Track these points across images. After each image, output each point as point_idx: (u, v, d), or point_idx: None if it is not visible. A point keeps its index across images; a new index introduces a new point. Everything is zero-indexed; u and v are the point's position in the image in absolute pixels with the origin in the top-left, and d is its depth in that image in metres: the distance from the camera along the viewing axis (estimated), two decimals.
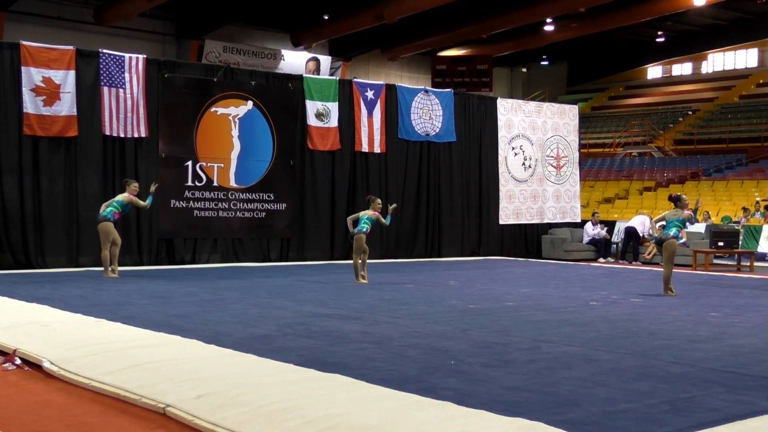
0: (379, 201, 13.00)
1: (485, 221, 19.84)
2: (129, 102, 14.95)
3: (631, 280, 14.20)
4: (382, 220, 12.74)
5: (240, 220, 16.36)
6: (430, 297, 10.76)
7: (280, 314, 8.72)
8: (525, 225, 20.52)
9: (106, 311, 8.61)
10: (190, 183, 15.80)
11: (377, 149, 18.06)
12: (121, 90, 14.88)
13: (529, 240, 20.67)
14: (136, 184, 13.35)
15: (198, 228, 15.94)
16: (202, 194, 15.92)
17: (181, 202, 15.72)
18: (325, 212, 17.41)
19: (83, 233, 14.62)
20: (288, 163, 16.93)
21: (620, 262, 19.31)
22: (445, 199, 19.16)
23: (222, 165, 16.16)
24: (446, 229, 19.16)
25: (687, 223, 11.78)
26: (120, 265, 14.90)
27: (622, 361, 6.34)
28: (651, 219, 17.06)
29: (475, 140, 19.79)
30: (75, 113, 14.43)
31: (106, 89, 14.76)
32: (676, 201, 11.75)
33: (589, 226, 20.33)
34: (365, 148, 17.90)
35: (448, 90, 19.78)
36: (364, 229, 12.59)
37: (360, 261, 12.67)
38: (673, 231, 11.46)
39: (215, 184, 16.05)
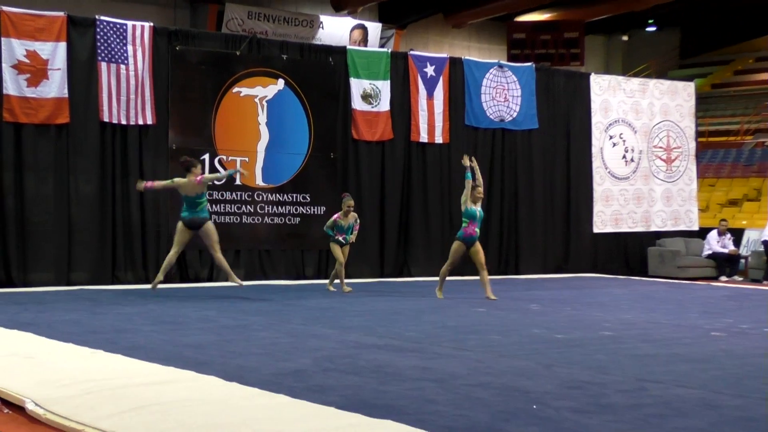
0: (350, 203, 14.36)
1: (575, 229, 19.71)
2: (132, 81, 15.15)
3: (764, 304, 13.96)
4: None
5: (268, 228, 16.49)
6: (505, 324, 10.69)
7: (317, 344, 8.73)
8: (626, 234, 20.34)
9: (103, 340, 8.70)
10: None
11: (438, 139, 18.07)
12: (122, 66, 15.08)
13: (630, 253, 20.47)
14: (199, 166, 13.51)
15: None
16: (222, 195, 16.07)
17: None
18: (374, 217, 17.44)
19: (76, 243, 14.85)
20: (327, 157, 17.02)
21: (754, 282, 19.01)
22: (524, 201, 19.09)
23: (246, 159, 16.30)
24: (525, 238, 19.09)
25: None
26: (121, 282, 15.14)
27: (752, 409, 6.22)
28: None
29: (562, 127, 19.68)
30: (66, 95, 14.66)
31: (104, 65, 14.97)
32: None
33: (713, 236, 20.01)
34: (424, 138, 17.93)
35: (528, 64, 19.73)
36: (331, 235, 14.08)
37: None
38: None
39: (238, 182, 16.20)
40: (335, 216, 14.47)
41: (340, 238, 14.37)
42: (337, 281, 14.74)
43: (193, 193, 13.12)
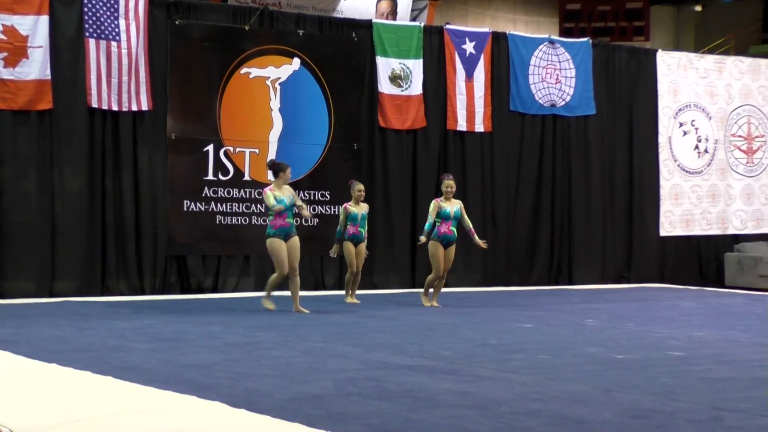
0: (359, 187, 14.61)
1: (638, 232, 19.66)
2: (125, 61, 15.23)
3: None
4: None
5: None
6: (556, 342, 10.66)
7: (339, 365, 8.74)
8: (699, 237, 20.27)
9: (93, 360, 8.73)
10: (211, 176, 16.06)
11: (479, 127, 18.08)
12: (113, 44, 15.16)
13: (704, 259, 20.39)
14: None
15: (222, 241, 16.18)
16: (229, 192, 16.15)
17: (198, 204, 15.99)
18: (404, 218, 17.47)
19: (61, 248, 14.94)
20: (350, 148, 17.07)
21: None
22: (579, 199, 19.06)
23: (257, 150, 16.37)
24: (580, 242, 19.07)
25: None
26: (113, 292, 15.23)
27: None
28: None
29: (624, 113, 19.64)
30: (49, 77, 14.74)
31: (92, 43, 15.06)
32: None
33: None
34: (462, 126, 17.94)
35: (584, 40, 19.69)
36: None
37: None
38: None
39: (247, 177, 16.27)
40: (345, 205, 14.58)
41: (354, 232, 14.42)
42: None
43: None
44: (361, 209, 14.58)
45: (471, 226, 14.43)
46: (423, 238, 14.29)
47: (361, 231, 14.54)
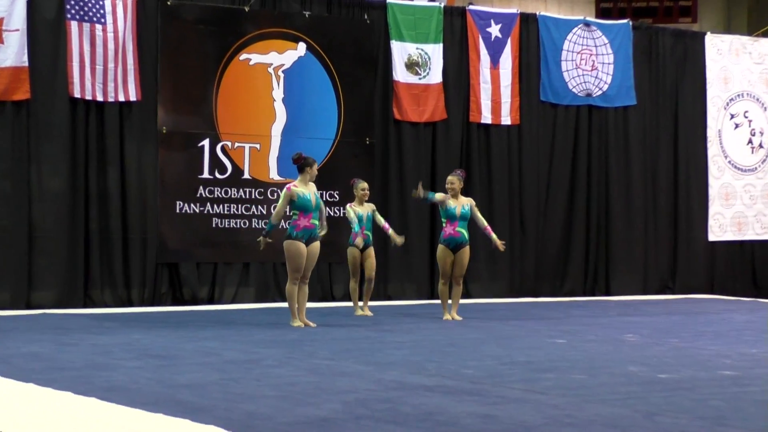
0: (362, 185, 14.62)
1: (684, 237, 19.66)
2: (111, 45, 15.28)
3: None
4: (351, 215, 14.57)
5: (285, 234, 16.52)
6: (592, 359, 10.65)
7: (349, 385, 8.74)
8: (752, 243, 20.22)
9: (73, 379, 8.74)
10: (206, 175, 16.14)
11: (505, 120, 18.11)
12: (98, 26, 15.21)
13: (758, 267, 20.34)
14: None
15: (219, 246, 16.26)
16: (226, 193, 16.21)
17: (192, 206, 16.05)
18: (421, 221, 17.48)
19: (39, 254, 15.02)
20: (362, 143, 17.13)
21: None
22: (618, 199, 19.07)
23: (257, 146, 16.44)
24: (618, 248, 19.08)
25: None
26: (97, 304, 15.28)
27: None
28: None
29: (668, 103, 19.63)
30: (26, 64, 14.80)
31: (74, 25, 15.11)
32: None
33: None
34: (486, 118, 17.97)
35: (624, 21, 19.68)
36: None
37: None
38: None
39: (246, 176, 16.35)
40: (349, 205, 14.68)
41: (361, 237, 14.45)
42: (360, 302, 14.98)
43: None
44: (366, 209, 14.62)
45: (485, 223, 14.43)
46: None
47: (368, 234, 14.57)
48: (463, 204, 14.10)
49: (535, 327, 13.78)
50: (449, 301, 14.40)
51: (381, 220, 14.82)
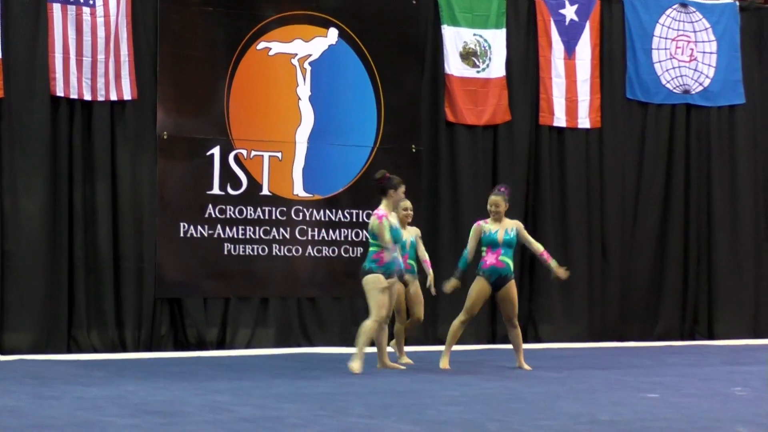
0: (405, 205, 14.16)
1: None
2: (101, 33, 15.41)
3: None
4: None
5: (312, 264, 16.74)
6: (691, 418, 10.65)
7: None
8: None
9: None
10: (217, 190, 16.26)
11: (583, 122, 18.18)
12: (85, 9, 15.36)
13: None
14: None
15: (232, 278, 16.37)
16: (241, 213, 16.33)
17: (199, 228, 16.17)
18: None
19: (13, 288, 15.14)
20: (406, 150, 17.21)
21: None
22: (723, 220, 19.09)
23: (279, 155, 16.55)
24: (724, 281, 19.08)
25: None
26: (83, 348, 15.31)
27: None
28: None
29: None
30: None
31: (57, 9, 15.24)
32: None
33: None
34: (560, 120, 18.06)
35: (729, 1, 19.58)
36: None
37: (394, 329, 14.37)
38: None
39: (266, 191, 16.47)
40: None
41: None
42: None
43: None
44: (409, 234, 14.53)
45: (540, 247, 14.30)
46: (454, 282, 14.24)
47: (412, 264, 14.63)
48: (507, 228, 14.03)
49: (620, 378, 13.75)
50: (453, 347, 14.40)
51: (424, 253, 14.85)
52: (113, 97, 15.54)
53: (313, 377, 13.23)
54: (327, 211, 16.73)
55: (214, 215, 16.19)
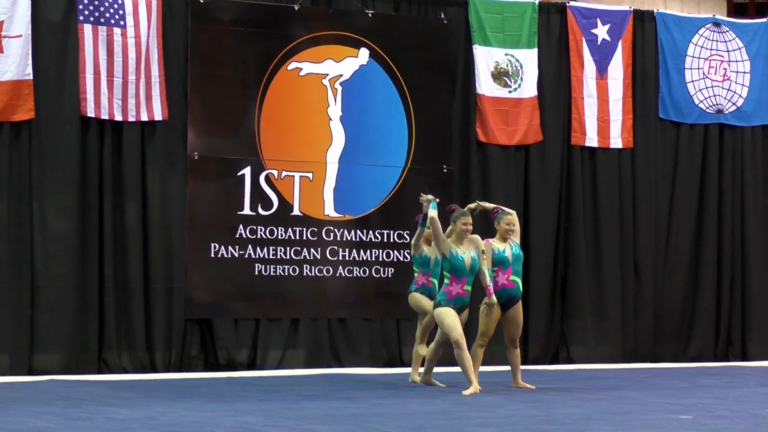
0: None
1: None
2: (132, 54, 15.46)
3: None
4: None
5: (343, 284, 16.72)
6: None
7: None
8: None
9: None
10: (247, 210, 16.28)
11: (616, 142, 18.13)
12: (117, 30, 15.40)
13: None
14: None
15: (262, 299, 16.38)
16: (271, 233, 16.34)
17: (229, 249, 16.19)
18: None
19: (43, 310, 15.15)
20: (438, 171, 17.20)
21: None
22: (756, 241, 19.01)
23: (309, 175, 16.55)
24: (757, 303, 19.00)
25: None
26: (113, 369, 15.33)
27: None
28: None
29: None
30: (30, 77, 14.96)
31: (88, 30, 15.29)
32: None
33: None
34: (592, 141, 18.01)
35: (764, 21, 19.54)
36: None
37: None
38: None
39: (296, 212, 16.46)
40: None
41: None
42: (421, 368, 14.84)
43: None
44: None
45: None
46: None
47: (434, 282, 14.54)
48: (510, 244, 14.01)
49: (653, 400, 13.71)
50: (480, 368, 14.29)
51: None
52: (144, 117, 15.56)
53: (344, 398, 13.22)
54: (358, 232, 16.72)
55: (244, 236, 16.21)
